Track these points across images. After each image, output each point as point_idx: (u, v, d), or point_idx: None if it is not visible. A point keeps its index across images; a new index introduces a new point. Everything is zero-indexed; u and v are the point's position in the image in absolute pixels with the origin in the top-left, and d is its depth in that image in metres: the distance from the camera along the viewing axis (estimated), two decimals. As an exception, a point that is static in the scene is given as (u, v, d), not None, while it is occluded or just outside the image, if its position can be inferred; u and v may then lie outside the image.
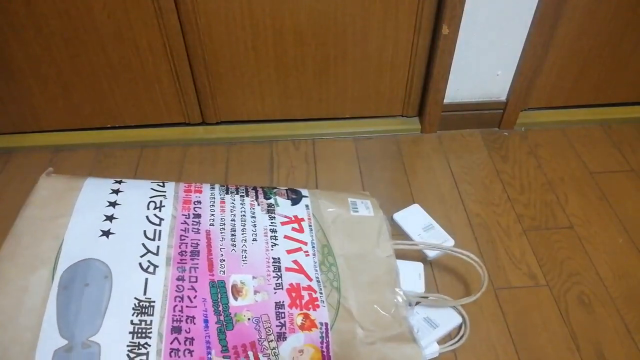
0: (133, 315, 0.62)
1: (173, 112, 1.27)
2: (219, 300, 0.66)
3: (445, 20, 1.09)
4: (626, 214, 1.10)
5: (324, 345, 0.68)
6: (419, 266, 0.95)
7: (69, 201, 0.73)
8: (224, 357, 0.62)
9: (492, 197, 1.14)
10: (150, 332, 0.60)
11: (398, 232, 1.05)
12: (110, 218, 0.71)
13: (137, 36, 1.11)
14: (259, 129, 1.31)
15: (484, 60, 1.19)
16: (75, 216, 0.71)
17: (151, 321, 0.62)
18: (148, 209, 0.74)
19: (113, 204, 0.73)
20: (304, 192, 0.89)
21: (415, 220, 1.07)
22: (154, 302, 0.63)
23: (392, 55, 1.19)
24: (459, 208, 1.12)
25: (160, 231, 0.71)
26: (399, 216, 1.08)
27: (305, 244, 0.80)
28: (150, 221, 0.72)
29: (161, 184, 0.79)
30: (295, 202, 0.85)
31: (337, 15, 1.10)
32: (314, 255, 0.79)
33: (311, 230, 0.82)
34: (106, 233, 0.69)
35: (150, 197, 0.76)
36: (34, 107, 1.23)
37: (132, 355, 0.59)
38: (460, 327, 0.89)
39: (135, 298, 0.63)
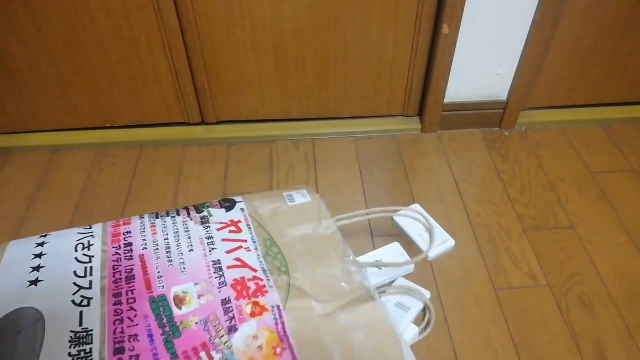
0: (70, 347, 0.62)
1: (172, 112, 1.27)
2: (161, 313, 0.67)
3: (445, 20, 1.09)
4: (627, 214, 1.10)
5: (279, 326, 0.69)
6: (396, 245, 1.00)
7: None
8: None
9: (492, 197, 1.14)
10: (91, 359, 0.62)
11: (399, 233, 1.05)
12: (37, 268, 0.72)
13: (136, 36, 1.10)
14: (259, 128, 1.30)
15: (485, 60, 1.19)
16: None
17: (91, 349, 0.62)
18: (76, 251, 0.75)
19: (39, 256, 0.75)
20: (238, 198, 0.89)
21: (415, 220, 1.07)
22: (91, 330, 0.64)
23: (393, 55, 1.19)
24: (460, 208, 1.12)
25: (91, 267, 0.72)
26: (399, 215, 1.08)
27: (245, 241, 0.80)
28: (79, 261, 0.73)
29: (88, 227, 0.80)
30: (229, 209, 0.86)
31: (337, 16, 1.10)
32: (256, 249, 0.79)
33: (249, 228, 0.83)
34: (34, 282, 0.70)
35: (78, 240, 0.77)
36: (33, 107, 1.23)
37: None
38: (425, 310, 0.91)
39: (71, 331, 0.64)
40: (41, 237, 0.79)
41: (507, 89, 1.26)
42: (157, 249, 0.75)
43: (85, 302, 0.67)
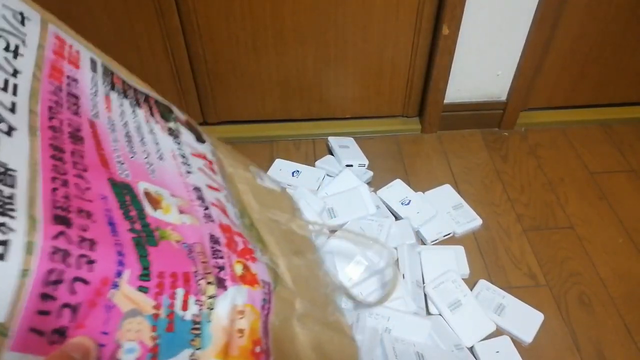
0: None
1: (173, 112, 1.27)
2: (128, 203, 0.44)
3: (445, 20, 1.09)
4: (626, 214, 1.10)
5: (265, 311, 0.50)
6: (459, 249, 1.00)
7: None
8: (140, 287, 0.39)
9: (492, 197, 1.14)
10: (13, 211, 0.36)
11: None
12: None
13: (137, 36, 1.11)
14: (260, 128, 1.31)
15: (484, 60, 1.19)
16: None
17: (12, 194, 0.36)
18: None
19: None
20: (205, 136, 0.69)
21: (445, 198, 1.11)
22: (14, 170, 0.39)
23: (393, 56, 1.19)
24: (459, 208, 1.12)
25: (15, 85, 0.45)
26: (430, 193, 1.12)
27: (223, 188, 0.60)
28: None
29: (18, 16, 0.51)
30: (199, 139, 0.66)
31: (337, 15, 1.10)
32: (233, 205, 0.59)
33: (223, 178, 0.63)
34: None
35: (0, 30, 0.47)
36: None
37: None
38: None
39: None
40: None
41: (507, 89, 1.26)
42: (113, 130, 0.51)
43: (4, 126, 0.41)
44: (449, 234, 1.04)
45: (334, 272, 0.83)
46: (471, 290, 0.93)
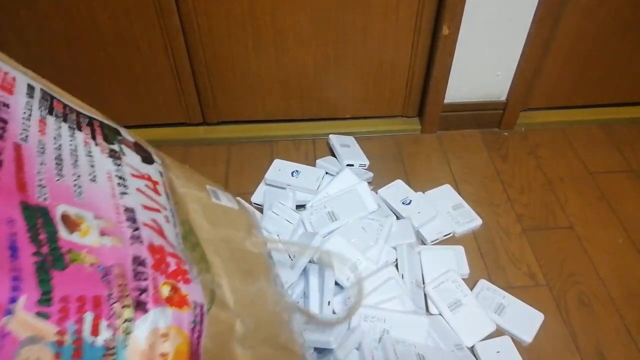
0: None
1: (174, 112, 1.27)
2: (38, 226, 0.44)
3: (445, 20, 1.09)
4: (626, 214, 1.10)
5: (196, 334, 0.49)
6: (459, 249, 1.00)
7: None
8: (39, 312, 0.38)
9: (492, 197, 1.14)
10: None
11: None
12: None
13: (138, 36, 1.11)
14: (260, 128, 1.31)
15: (484, 60, 1.19)
16: None
17: None
18: None
19: None
20: (155, 157, 0.71)
21: (445, 198, 1.11)
22: None
23: (393, 56, 1.19)
24: (459, 208, 1.12)
25: None
26: (430, 193, 1.12)
27: (165, 209, 0.61)
28: None
29: None
30: (146, 161, 0.68)
31: (338, 16, 1.11)
32: (175, 226, 0.60)
33: (168, 198, 0.64)
34: None
35: None
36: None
37: None
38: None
39: None
40: None
41: (507, 89, 1.26)
42: (43, 153, 0.53)
43: None
44: (449, 234, 1.04)
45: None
46: (471, 290, 0.93)
